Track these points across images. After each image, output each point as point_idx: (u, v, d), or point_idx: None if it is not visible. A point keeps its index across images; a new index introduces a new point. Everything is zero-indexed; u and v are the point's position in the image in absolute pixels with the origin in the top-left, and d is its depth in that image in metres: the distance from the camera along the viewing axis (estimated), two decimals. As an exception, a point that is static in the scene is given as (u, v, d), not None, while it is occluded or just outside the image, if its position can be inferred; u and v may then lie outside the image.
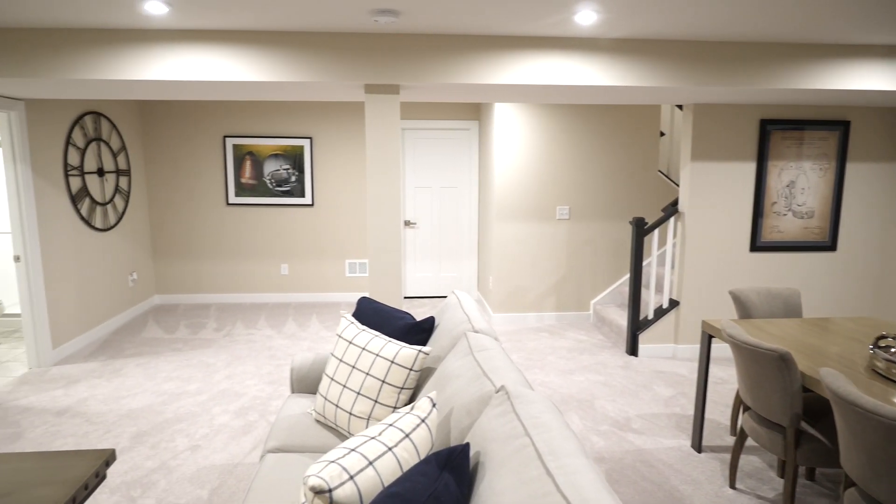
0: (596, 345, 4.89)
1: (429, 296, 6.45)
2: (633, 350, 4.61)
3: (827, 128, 4.43)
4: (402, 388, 2.10)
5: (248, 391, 3.84)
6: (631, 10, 2.81)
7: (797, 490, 2.70)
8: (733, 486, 2.71)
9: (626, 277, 5.56)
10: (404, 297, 6.43)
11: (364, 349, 2.18)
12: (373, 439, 1.43)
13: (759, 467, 2.92)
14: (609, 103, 5.13)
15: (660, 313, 4.60)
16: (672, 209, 4.50)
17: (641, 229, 4.44)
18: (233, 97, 4.01)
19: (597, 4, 2.72)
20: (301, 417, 2.36)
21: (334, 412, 2.19)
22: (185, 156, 6.02)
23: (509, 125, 5.23)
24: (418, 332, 2.40)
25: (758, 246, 4.53)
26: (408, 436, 1.46)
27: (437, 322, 2.55)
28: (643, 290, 5.23)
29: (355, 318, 2.58)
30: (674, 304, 4.60)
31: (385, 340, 2.18)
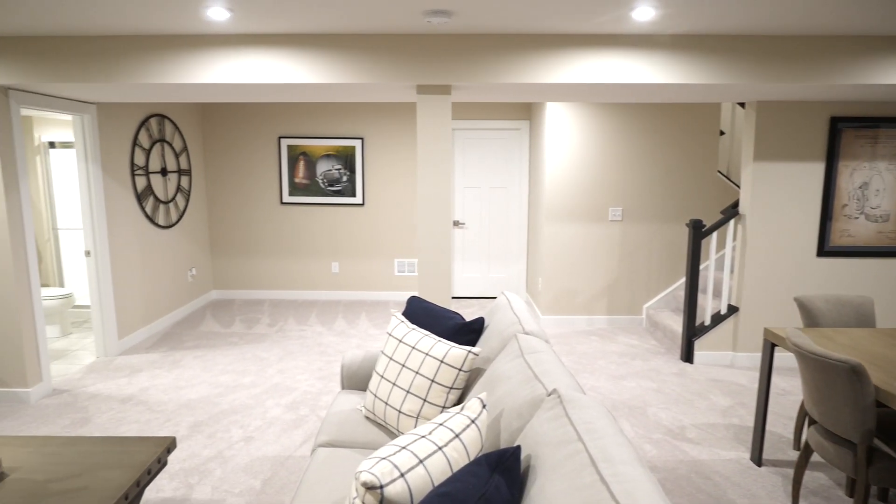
0: (648, 350, 4.75)
1: (477, 296, 6.44)
2: (688, 357, 4.46)
3: (905, 126, 4.15)
4: (451, 387, 2.09)
5: (299, 386, 3.93)
6: (691, 5, 2.71)
7: (868, 511, 2.54)
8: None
9: (681, 281, 5.38)
10: (452, 298, 6.44)
11: (414, 348, 2.19)
12: (423, 438, 1.42)
13: (825, 485, 2.76)
14: (666, 101, 4.97)
15: (717, 319, 4.43)
16: (732, 211, 4.32)
17: (699, 232, 4.28)
18: (288, 99, 4.11)
19: (656, 0, 2.64)
20: (351, 413, 2.39)
21: (384, 409, 2.21)
22: (242, 156, 6.23)
23: (561, 125, 5.15)
24: (468, 332, 2.39)
25: (826, 251, 4.28)
26: (458, 436, 1.45)
27: (486, 323, 2.54)
28: (700, 295, 5.04)
29: (405, 316, 2.59)
30: (733, 309, 4.41)
31: (435, 340, 2.18)
